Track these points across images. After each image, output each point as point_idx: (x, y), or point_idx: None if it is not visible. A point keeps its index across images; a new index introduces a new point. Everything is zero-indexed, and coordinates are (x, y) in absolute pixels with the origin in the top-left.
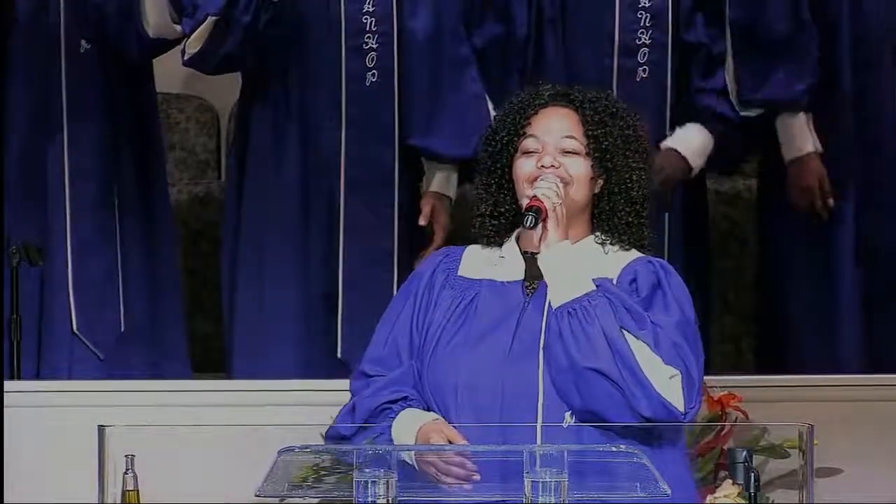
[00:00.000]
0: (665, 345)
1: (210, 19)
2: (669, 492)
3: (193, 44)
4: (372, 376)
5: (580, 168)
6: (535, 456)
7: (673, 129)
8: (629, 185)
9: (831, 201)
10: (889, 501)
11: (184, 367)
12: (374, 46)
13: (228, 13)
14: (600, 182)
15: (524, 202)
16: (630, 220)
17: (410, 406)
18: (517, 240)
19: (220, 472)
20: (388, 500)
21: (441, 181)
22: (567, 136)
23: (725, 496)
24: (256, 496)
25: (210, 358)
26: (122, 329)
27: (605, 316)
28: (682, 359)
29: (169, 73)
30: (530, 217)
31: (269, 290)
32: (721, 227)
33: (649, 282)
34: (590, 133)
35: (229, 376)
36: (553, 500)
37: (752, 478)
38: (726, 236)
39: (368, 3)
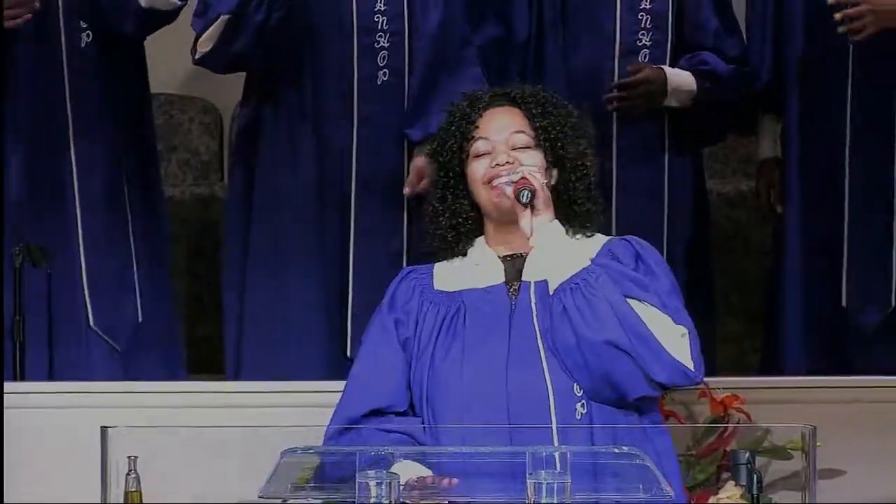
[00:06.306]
0: (669, 307)
1: (222, 18)
2: (672, 493)
3: (205, 43)
4: (387, 414)
5: (534, 160)
6: (538, 457)
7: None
8: (585, 171)
9: (779, 209)
10: (891, 503)
11: (182, 368)
12: (386, 45)
13: (240, 11)
14: (555, 173)
15: (492, 201)
16: (589, 206)
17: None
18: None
19: (222, 473)
20: (390, 502)
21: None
22: (516, 132)
23: (728, 497)
24: (259, 497)
25: (210, 359)
26: (140, 319)
27: (607, 286)
28: (685, 320)
29: (171, 74)
30: (526, 192)
31: (281, 290)
32: (723, 228)
33: (630, 255)
34: (537, 125)
35: (237, 378)
36: (555, 502)
37: (755, 479)
38: (728, 237)
39: (380, 2)
